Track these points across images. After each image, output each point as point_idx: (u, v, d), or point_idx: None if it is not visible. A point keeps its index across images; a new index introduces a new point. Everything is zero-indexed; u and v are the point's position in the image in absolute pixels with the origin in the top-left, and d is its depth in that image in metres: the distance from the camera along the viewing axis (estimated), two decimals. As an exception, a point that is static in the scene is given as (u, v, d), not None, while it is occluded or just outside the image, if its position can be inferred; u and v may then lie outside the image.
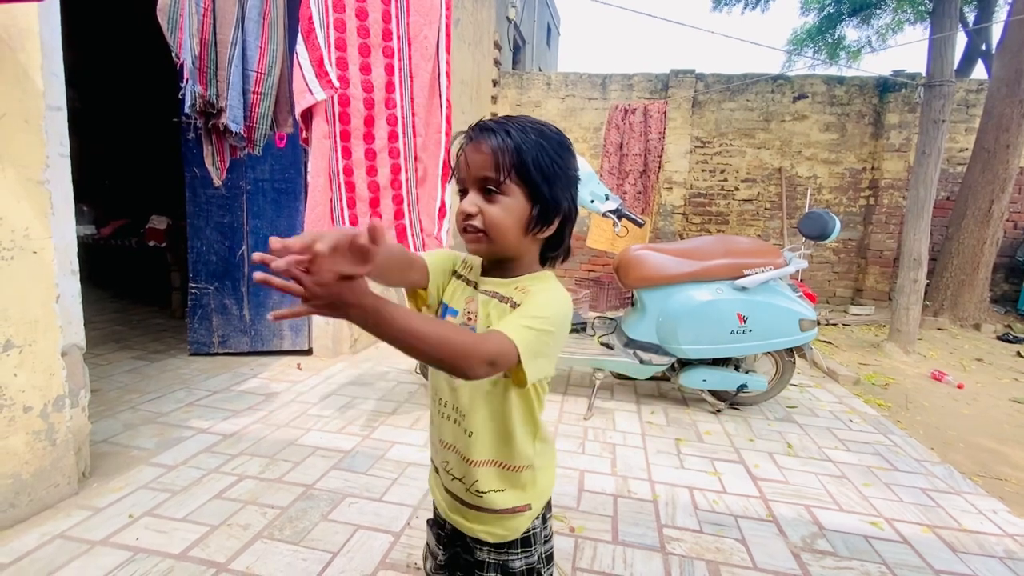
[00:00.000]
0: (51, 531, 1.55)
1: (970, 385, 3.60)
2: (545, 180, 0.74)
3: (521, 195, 0.74)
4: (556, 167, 0.75)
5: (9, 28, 1.49)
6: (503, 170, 0.72)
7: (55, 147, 1.67)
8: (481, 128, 0.74)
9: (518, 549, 0.84)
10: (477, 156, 0.73)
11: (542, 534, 0.87)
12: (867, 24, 11.68)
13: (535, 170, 0.73)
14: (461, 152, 0.76)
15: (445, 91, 2.32)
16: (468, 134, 0.75)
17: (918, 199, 4.21)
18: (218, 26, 1.70)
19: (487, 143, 0.72)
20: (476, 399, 0.79)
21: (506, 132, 0.72)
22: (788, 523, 1.79)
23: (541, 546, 0.87)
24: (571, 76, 6.60)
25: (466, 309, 0.82)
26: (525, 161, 0.72)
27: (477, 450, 0.81)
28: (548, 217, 0.76)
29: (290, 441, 2.21)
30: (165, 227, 4.47)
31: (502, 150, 0.72)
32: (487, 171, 0.72)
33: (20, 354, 1.55)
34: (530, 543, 0.85)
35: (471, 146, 0.74)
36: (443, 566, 0.92)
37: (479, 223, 0.74)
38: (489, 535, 0.82)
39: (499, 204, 0.73)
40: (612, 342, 2.88)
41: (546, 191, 0.74)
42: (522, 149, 0.72)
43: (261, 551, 1.51)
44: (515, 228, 0.75)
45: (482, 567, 0.84)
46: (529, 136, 0.73)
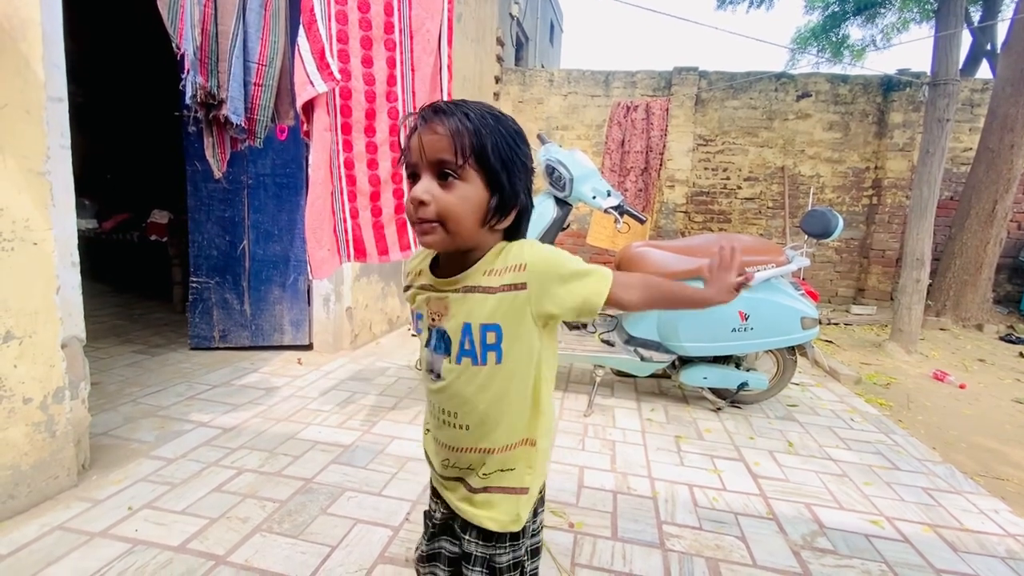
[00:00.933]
0: (50, 522, 1.55)
1: (972, 385, 3.59)
2: (504, 168, 0.70)
3: (480, 182, 0.69)
4: (515, 155, 0.72)
5: (11, 18, 1.49)
6: (461, 153, 0.67)
7: (56, 138, 1.67)
8: (436, 109, 0.69)
9: (506, 543, 0.82)
10: (433, 138, 0.68)
11: (530, 528, 0.85)
12: (872, 23, 11.64)
13: (494, 156, 0.69)
14: (414, 135, 0.71)
15: (447, 85, 2.31)
16: (422, 115, 0.71)
17: (921, 199, 4.19)
18: (219, 17, 1.69)
19: (444, 124, 0.68)
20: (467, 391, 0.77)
21: (464, 115, 0.68)
22: (788, 521, 1.79)
23: (528, 540, 0.85)
24: (574, 73, 6.58)
25: (428, 311, 0.80)
26: (485, 145, 0.68)
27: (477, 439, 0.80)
28: (506, 208, 0.72)
29: (290, 435, 2.21)
30: (166, 221, 4.47)
31: (461, 132, 0.67)
32: (444, 154, 0.67)
33: (20, 345, 1.55)
34: (518, 537, 0.83)
35: (426, 127, 0.69)
36: (426, 557, 0.90)
37: (432, 212, 0.69)
38: (493, 522, 0.80)
39: (456, 191, 0.68)
40: (613, 339, 2.88)
41: (505, 179, 0.71)
42: (482, 133, 0.68)
43: (260, 544, 1.51)
44: (472, 218, 0.70)
45: (469, 560, 0.82)
46: (488, 121, 0.69)
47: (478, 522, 0.80)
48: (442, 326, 0.77)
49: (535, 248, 0.75)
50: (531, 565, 0.87)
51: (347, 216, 2.15)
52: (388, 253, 2.28)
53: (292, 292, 3.35)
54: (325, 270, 2.11)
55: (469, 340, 0.75)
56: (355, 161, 2.12)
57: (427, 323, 0.79)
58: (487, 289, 0.73)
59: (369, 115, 2.11)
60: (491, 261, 0.75)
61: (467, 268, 0.75)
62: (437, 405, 0.81)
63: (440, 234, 0.70)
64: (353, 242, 2.20)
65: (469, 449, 0.81)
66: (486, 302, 0.73)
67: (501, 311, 0.73)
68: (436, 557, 0.89)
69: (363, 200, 2.18)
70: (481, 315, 0.74)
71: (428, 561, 0.90)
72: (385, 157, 2.18)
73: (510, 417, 0.79)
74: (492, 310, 0.73)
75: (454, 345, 0.76)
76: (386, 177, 2.20)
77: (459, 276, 0.75)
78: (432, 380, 0.80)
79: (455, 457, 0.82)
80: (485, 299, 0.73)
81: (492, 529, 0.80)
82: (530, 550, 0.86)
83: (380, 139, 2.15)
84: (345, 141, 2.07)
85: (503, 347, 0.74)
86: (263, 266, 3.29)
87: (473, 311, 0.74)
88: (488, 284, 0.74)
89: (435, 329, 0.78)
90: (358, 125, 2.09)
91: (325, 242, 2.09)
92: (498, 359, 0.75)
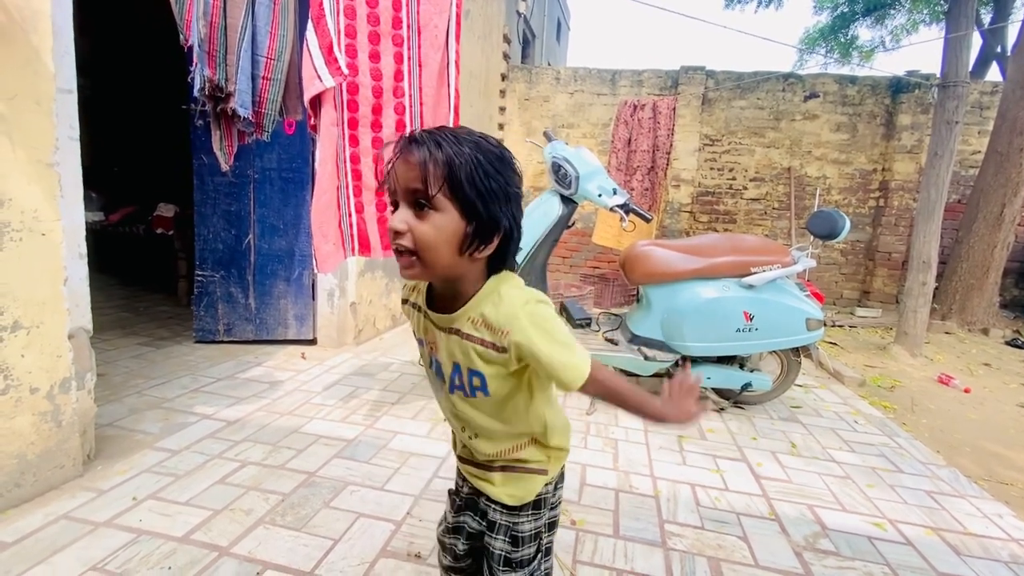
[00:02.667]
0: (55, 511, 1.56)
1: (977, 389, 3.57)
2: (479, 196, 0.68)
3: (454, 211, 0.68)
4: (492, 182, 0.69)
5: (22, 9, 1.49)
6: (433, 184, 0.67)
7: (65, 130, 1.68)
8: (411, 139, 0.69)
9: (529, 511, 0.87)
10: (405, 168, 0.68)
11: (551, 500, 0.90)
12: (881, 24, 11.57)
13: (468, 185, 0.68)
14: (391, 164, 0.71)
15: (454, 81, 2.31)
16: (400, 144, 0.71)
17: (929, 201, 4.16)
18: (228, 9, 1.69)
19: (416, 154, 0.67)
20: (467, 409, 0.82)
21: (436, 143, 0.67)
22: (790, 522, 1.78)
23: (548, 511, 0.90)
24: (580, 71, 6.56)
25: (426, 338, 0.83)
26: (457, 175, 0.67)
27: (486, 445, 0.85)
28: (485, 236, 0.71)
29: (293, 429, 2.22)
30: (172, 215, 4.49)
31: (431, 162, 0.66)
32: (415, 183, 0.67)
33: (27, 335, 1.56)
34: (540, 507, 0.88)
35: (401, 159, 0.69)
36: (451, 529, 0.95)
37: (409, 242, 0.69)
38: (510, 497, 0.85)
39: (429, 221, 0.68)
40: (616, 338, 2.87)
41: (481, 208, 0.69)
42: (454, 163, 0.67)
43: (263, 536, 1.52)
44: (447, 247, 0.69)
45: (493, 528, 0.87)
46: (463, 148, 0.68)
47: (497, 498, 0.86)
48: (437, 357, 0.81)
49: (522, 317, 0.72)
50: (548, 537, 0.91)
51: (352, 211, 2.15)
52: (391, 248, 2.28)
53: (296, 287, 3.36)
54: (331, 264, 2.12)
55: (459, 378, 0.79)
56: (361, 156, 2.12)
57: (428, 349, 0.83)
58: (469, 337, 0.74)
59: (376, 110, 2.11)
60: (479, 305, 0.74)
61: (456, 301, 0.75)
62: (446, 407, 0.88)
63: (418, 267, 0.70)
64: (358, 236, 2.21)
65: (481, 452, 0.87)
66: (469, 350, 0.75)
67: (483, 362, 0.75)
68: (459, 530, 0.94)
69: (368, 195, 2.18)
70: (466, 361, 0.77)
71: (451, 533, 0.95)
72: (391, 152, 2.18)
73: (512, 428, 0.84)
74: (475, 359, 0.76)
75: (446, 378, 0.81)
76: (392, 173, 2.20)
77: (447, 316, 0.76)
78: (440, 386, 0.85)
79: (472, 447, 0.88)
80: (469, 347, 0.75)
81: (510, 504, 0.86)
82: (548, 523, 0.91)
83: (386, 134, 2.15)
84: (351, 136, 2.07)
85: (490, 388, 0.78)
86: (268, 260, 3.30)
87: (457, 354, 0.77)
88: (470, 333, 0.74)
89: (433, 357, 0.83)
90: (364, 120, 2.09)
91: (331, 236, 2.09)
92: (486, 395, 0.79)
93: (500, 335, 0.72)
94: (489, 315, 0.73)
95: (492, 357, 0.74)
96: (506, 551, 0.86)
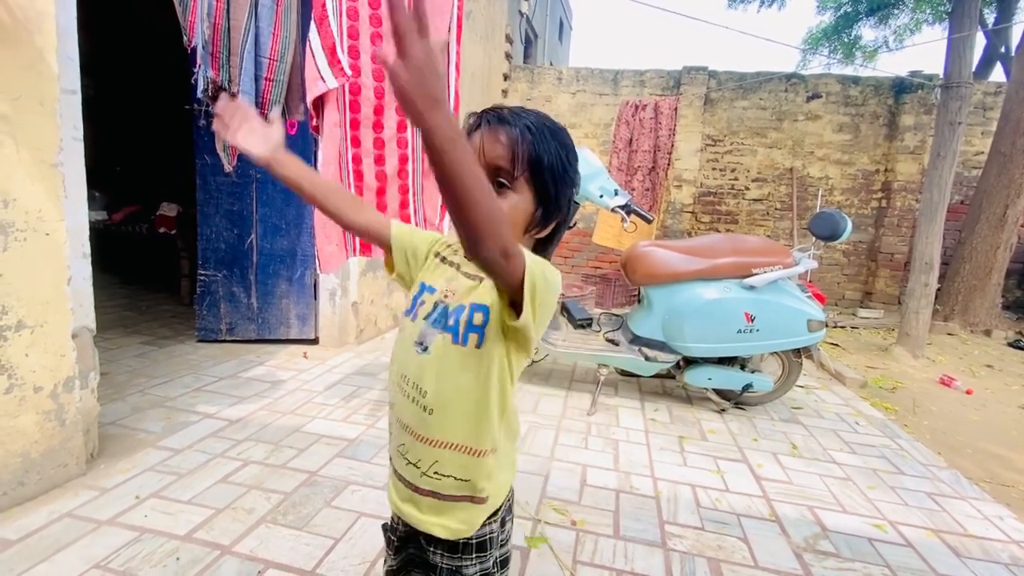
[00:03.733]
0: (59, 510, 1.57)
1: (979, 391, 3.56)
2: (554, 183, 0.71)
3: (529, 194, 0.70)
4: (567, 172, 0.72)
5: (26, 10, 1.50)
6: (520, 164, 0.68)
7: (69, 130, 1.68)
8: (500, 117, 0.70)
9: (472, 554, 0.78)
10: (494, 144, 0.69)
11: (499, 539, 0.81)
12: (884, 24, 11.53)
13: (548, 173, 0.70)
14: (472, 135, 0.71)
15: (454, 83, 2.31)
16: (482, 118, 0.71)
17: (931, 202, 4.16)
18: (232, 11, 1.70)
19: (505, 132, 0.68)
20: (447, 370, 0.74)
21: (528, 128, 0.69)
22: (791, 523, 1.79)
23: (497, 550, 0.82)
24: (582, 71, 6.56)
25: (445, 287, 0.78)
26: (541, 160, 0.69)
27: (437, 429, 0.75)
28: (548, 219, 0.73)
29: (295, 428, 2.23)
30: (175, 214, 4.50)
31: (521, 144, 0.68)
32: (502, 162, 0.68)
33: (31, 334, 1.57)
34: (485, 547, 0.79)
35: (488, 132, 0.69)
36: (395, 571, 0.87)
37: None
38: (443, 529, 0.76)
39: (507, 199, 0.69)
40: (618, 338, 2.87)
41: (553, 194, 0.71)
42: (540, 148, 0.69)
43: (265, 535, 1.52)
44: (518, 228, 0.71)
45: (436, 571, 0.79)
46: (546, 136, 0.70)
47: (426, 529, 0.77)
48: (447, 304, 0.76)
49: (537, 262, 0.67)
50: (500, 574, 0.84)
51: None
52: None
53: (299, 286, 3.37)
54: (333, 264, 2.13)
55: (456, 319, 0.74)
56: (363, 156, 2.12)
57: (437, 297, 0.78)
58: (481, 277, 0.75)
59: (377, 111, 2.11)
60: None
61: None
62: (410, 378, 0.77)
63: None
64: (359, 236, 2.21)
65: (427, 440, 0.76)
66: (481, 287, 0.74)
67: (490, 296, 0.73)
68: (407, 566, 0.86)
69: (369, 195, 2.18)
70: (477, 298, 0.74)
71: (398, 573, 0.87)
72: (392, 153, 2.18)
73: (474, 409, 0.75)
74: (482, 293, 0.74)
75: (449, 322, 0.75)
76: (392, 173, 2.21)
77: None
78: (418, 352, 0.77)
79: (410, 444, 0.78)
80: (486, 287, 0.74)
81: (441, 537, 0.76)
82: (499, 561, 0.83)
83: (387, 135, 2.16)
84: (353, 137, 2.08)
85: (486, 331, 0.73)
86: (270, 260, 3.31)
87: (472, 295, 0.75)
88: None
89: (443, 305, 0.77)
90: (366, 121, 2.10)
91: (334, 237, 2.10)
92: (479, 343, 0.73)
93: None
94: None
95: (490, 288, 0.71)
96: None
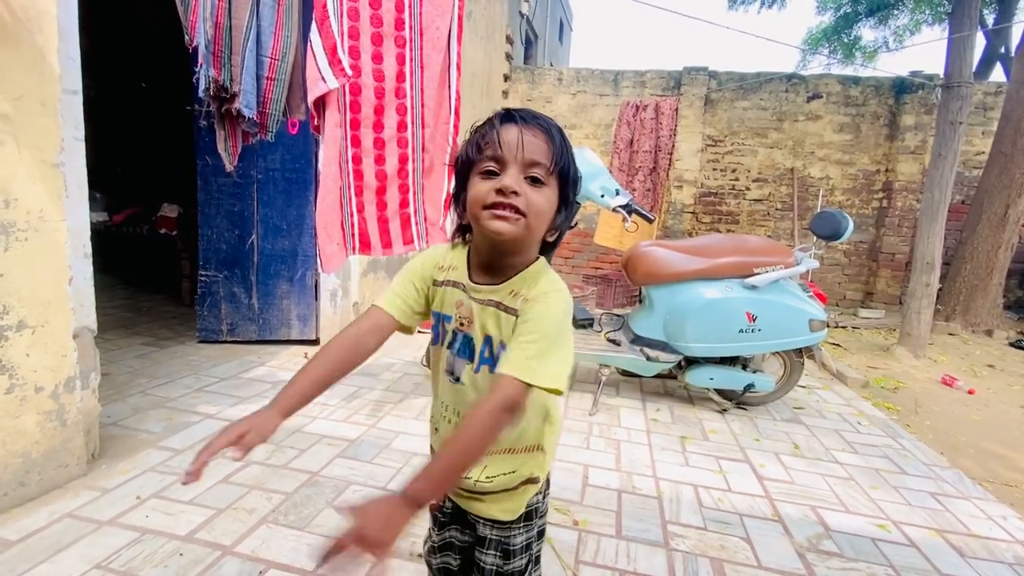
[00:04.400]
0: (60, 510, 1.57)
1: (981, 391, 3.55)
2: (572, 184, 0.75)
3: (555, 192, 0.74)
4: (576, 170, 0.76)
5: (27, 10, 1.50)
6: (553, 163, 0.71)
7: (70, 130, 1.68)
8: (533, 115, 0.73)
9: (520, 524, 0.85)
10: (533, 141, 0.70)
11: (541, 508, 0.89)
12: (884, 24, 11.53)
13: (569, 169, 0.74)
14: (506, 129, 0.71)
15: (455, 83, 2.32)
16: (516, 116, 0.72)
17: (932, 202, 4.15)
18: (233, 10, 1.70)
19: (543, 132, 0.72)
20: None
21: (557, 129, 0.73)
22: (794, 523, 1.78)
23: (539, 520, 0.88)
24: (583, 72, 6.57)
25: (458, 314, 0.80)
26: (567, 162, 0.73)
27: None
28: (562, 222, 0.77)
29: (296, 428, 2.22)
30: (176, 215, 4.50)
31: (554, 144, 0.72)
32: (540, 156, 0.71)
33: (33, 335, 1.57)
34: (532, 517, 0.86)
35: (526, 129, 0.71)
36: (437, 548, 0.92)
37: (522, 204, 0.69)
38: (504, 512, 0.83)
39: (542, 193, 0.72)
40: (619, 339, 2.87)
41: (570, 194, 0.75)
42: (566, 152, 0.73)
43: (266, 535, 1.52)
44: (546, 223, 0.74)
45: (483, 543, 0.84)
46: (566, 141, 0.74)
47: (490, 515, 0.83)
48: (469, 332, 0.79)
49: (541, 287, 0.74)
50: (537, 545, 0.89)
51: (354, 210, 2.16)
52: (392, 247, 2.29)
53: (299, 287, 3.36)
54: (335, 264, 2.13)
55: (489, 351, 0.77)
56: (363, 156, 2.12)
57: (454, 326, 0.80)
58: (507, 309, 0.75)
59: (377, 111, 2.11)
60: (522, 284, 0.76)
61: (503, 273, 0.77)
62: (451, 407, 0.82)
63: (520, 225, 0.70)
64: (359, 235, 2.21)
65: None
66: (505, 322, 0.75)
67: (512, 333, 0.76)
68: (447, 547, 0.91)
69: (369, 194, 2.18)
70: (499, 333, 0.76)
71: (440, 551, 0.92)
72: (392, 153, 2.18)
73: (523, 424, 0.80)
74: (504, 329, 0.76)
75: (476, 353, 0.78)
76: (392, 172, 2.21)
77: (489, 288, 0.77)
78: (451, 381, 0.81)
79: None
80: (507, 319, 0.75)
81: (503, 519, 0.83)
82: (538, 531, 0.89)
83: (388, 135, 2.16)
84: (353, 136, 2.08)
85: None
86: (271, 260, 3.31)
87: (490, 326, 0.76)
88: (509, 304, 0.75)
89: (462, 334, 0.79)
90: (367, 121, 2.10)
91: (335, 236, 2.10)
92: None
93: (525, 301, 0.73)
94: (527, 289, 0.75)
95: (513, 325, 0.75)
96: (497, 565, 0.84)
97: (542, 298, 0.72)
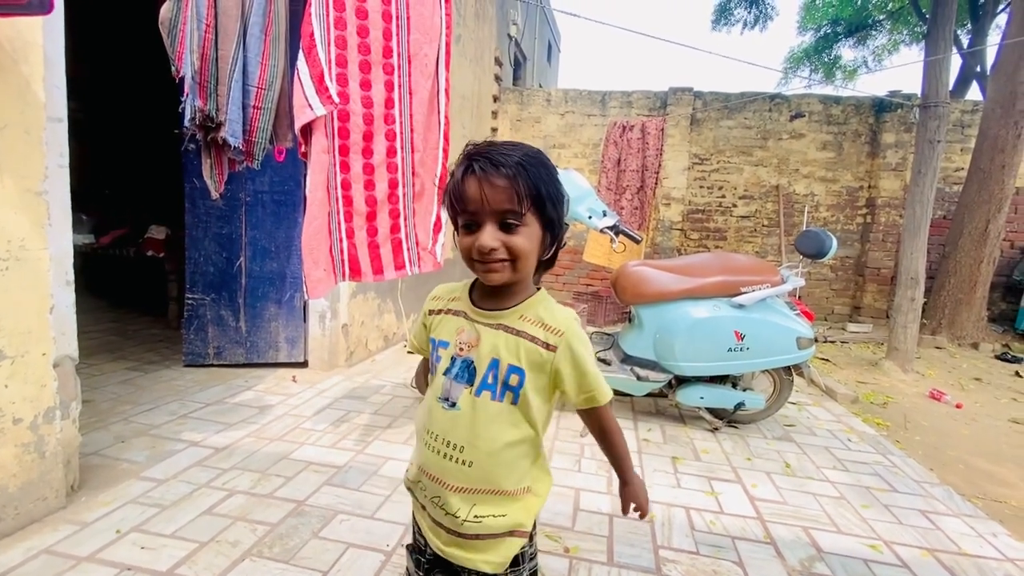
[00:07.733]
0: (37, 546, 1.52)
1: (969, 405, 3.58)
2: (553, 208, 0.77)
3: (537, 224, 0.76)
4: (558, 192, 0.78)
5: (13, 40, 1.51)
6: (524, 202, 0.73)
7: (55, 158, 1.68)
8: (493, 161, 0.72)
9: (507, 571, 0.83)
10: (493, 191, 0.72)
11: (529, 552, 0.87)
12: (863, 44, 11.87)
13: (547, 200, 0.75)
14: (468, 184, 0.73)
15: (444, 108, 2.34)
16: (476, 165, 0.73)
17: (915, 218, 4.23)
18: (220, 41, 1.72)
19: (502, 177, 0.72)
20: (482, 424, 0.79)
21: (519, 165, 0.73)
22: (786, 545, 1.77)
23: (527, 564, 0.86)
24: (571, 92, 6.67)
25: (457, 340, 0.82)
26: (540, 191, 0.74)
27: (477, 479, 0.79)
28: (554, 240, 0.80)
29: (283, 455, 2.19)
30: (163, 237, 4.47)
31: (519, 182, 0.72)
32: (508, 205, 0.72)
33: (12, 365, 1.54)
34: (519, 562, 0.84)
35: (485, 181, 0.72)
36: None
37: (504, 254, 0.74)
38: (488, 564, 0.81)
39: (522, 234, 0.74)
40: (609, 358, 2.87)
41: (555, 216, 0.77)
42: (536, 179, 0.74)
43: (249, 569, 1.48)
44: (535, 254, 0.78)
45: None
46: (535, 165, 0.75)
47: (473, 566, 0.81)
48: (469, 356, 0.80)
49: (575, 325, 0.81)
50: None
51: (343, 236, 2.16)
52: (383, 272, 2.28)
53: (288, 309, 3.34)
54: (321, 290, 2.12)
55: (494, 375, 0.79)
56: (352, 182, 2.13)
57: (452, 351, 0.82)
58: (518, 332, 0.79)
59: (367, 137, 2.13)
60: (534, 307, 0.80)
61: (508, 299, 0.81)
62: (442, 437, 0.81)
63: (508, 271, 0.76)
64: (348, 261, 2.21)
65: (464, 490, 0.80)
66: (516, 345, 0.78)
67: (528, 359, 0.78)
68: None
69: (359, 220, 2.19)
70: (509, 355, 0.78)
71: None
72: (382, 178, 2.19)
73: (514, 460, 0.81)
74: (519, 354, 0.78)
75: (478, 376, 0.79)
76: (382, 198, 2.21)
77: (496, 312, 0.80)
78: (445, 408, 0.81)
79: (446, 496, 0.81)
80: (516, 342, 0.78)
81: (488, 572, 0.81)
82: (530, 574, 0.88)
83: (377, 161, 2.17)
84: (342, 162, 2.09)
85: (521, 392, 0.78)
86: (259, 283, 3.29)
87: (500, 348, 0.78)
88: (519, 328, 0.79)
89: (461, 359, 0.81)
90: (355, 147, 2.11)
91: (321, 262, 2.09)
92: (514, 400, 0.79)
93: (555, 334, 0.78)
94: (544, 316, 0.80)
95: (537, 356, 0.78)
96: None
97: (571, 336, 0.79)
